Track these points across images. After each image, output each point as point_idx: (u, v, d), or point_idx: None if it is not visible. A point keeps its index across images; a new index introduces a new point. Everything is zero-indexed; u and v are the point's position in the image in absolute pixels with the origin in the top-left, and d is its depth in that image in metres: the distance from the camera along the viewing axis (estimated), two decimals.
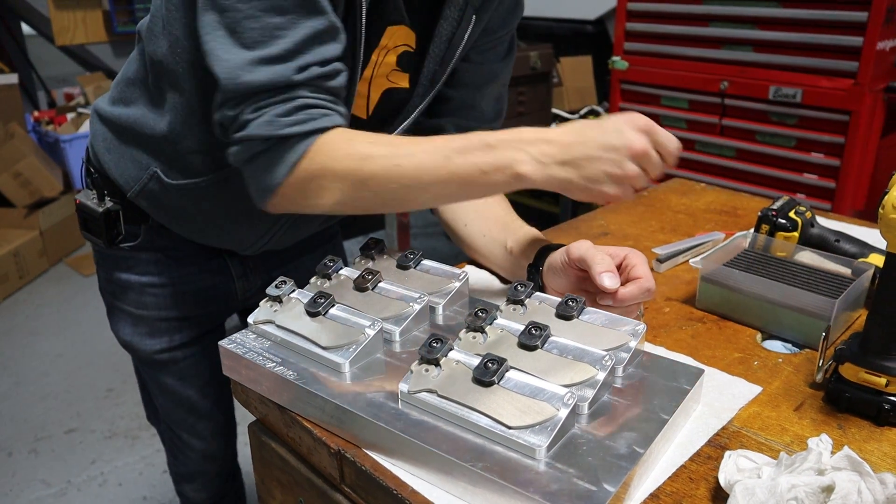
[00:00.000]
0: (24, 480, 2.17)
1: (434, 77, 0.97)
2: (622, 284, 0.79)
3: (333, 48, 0.76)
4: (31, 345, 2.94)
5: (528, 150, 0.73)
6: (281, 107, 0.74)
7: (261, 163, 0.76)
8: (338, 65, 0.77)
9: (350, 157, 0.75)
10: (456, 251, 3.79)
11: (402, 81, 0.96)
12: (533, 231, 0.96)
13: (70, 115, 4.15)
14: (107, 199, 1.02)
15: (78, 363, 2.80)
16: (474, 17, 0.92)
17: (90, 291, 3.40)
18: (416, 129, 1.03)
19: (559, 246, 0.87)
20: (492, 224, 1.00)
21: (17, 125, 3.72)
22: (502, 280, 1.00)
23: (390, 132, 0.97)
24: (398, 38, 0.91)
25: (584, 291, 0.83)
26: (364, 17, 0.81)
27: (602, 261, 0.78)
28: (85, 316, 3.17)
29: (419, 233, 4.03)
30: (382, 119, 0.98)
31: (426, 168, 0.74)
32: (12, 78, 3.95)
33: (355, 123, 0.94)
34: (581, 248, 0.81)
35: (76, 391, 2.61)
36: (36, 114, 4.24)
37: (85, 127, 4.03)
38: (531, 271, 0.89)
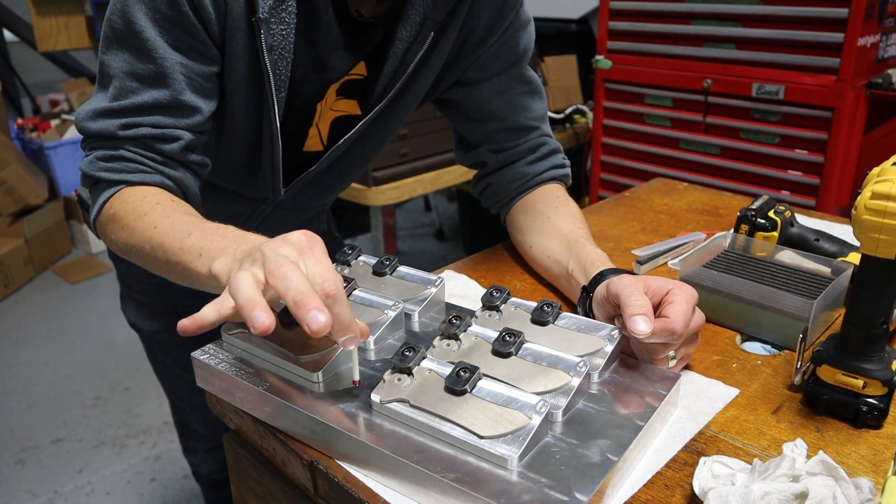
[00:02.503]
0: (9, 491, 2.15)
1: (383, 92, 0.97)
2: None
3: (173, 120, 0.84)
4: (18, 354, 2.92)
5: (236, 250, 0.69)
6: (103, 152, 0.85)
7: (91, 197, 0.88)
8: (175, 132, 0.84)
9: (132, 210, 0.81)
10: (444, 252, 3.78)
11: (350, 108, 0.99)
12: (595, 253, 0.89)
13: (54, 122, 4.12)
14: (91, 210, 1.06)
15: (65, 372, 2.78)
16: (432, 34, 0.91)
17: (77, 299, 3.37)
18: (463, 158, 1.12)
19: (620, 272, 0.81)
20: (556, 244, 0.96)
21: (1, 132, 3.69)
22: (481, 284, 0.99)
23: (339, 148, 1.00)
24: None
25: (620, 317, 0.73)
26: (275, 97, 0.88)
27: (636, 302, 0.70)
28: (71, 324, 3.14)
29: (407, 234, 4.03)
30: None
31: (168, 236, 0.76)
32: None
33: (317, 154, 1.02)
34: (620, 283, 0.73)
35: (63, 400, 2.60)
36: (20, 121, 4.21)
37: (69, 133, 4.00)
38: (583, 294, 0.84)
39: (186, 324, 0.61)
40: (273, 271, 0.58)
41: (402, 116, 1.05)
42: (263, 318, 0.56)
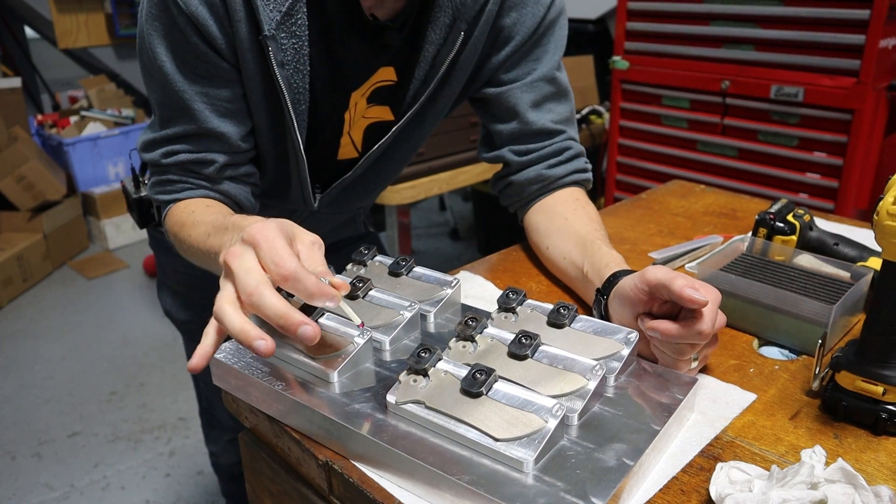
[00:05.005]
0: (27, 484, 2.17)
1: (416, 95, 0.97)
2: (675, 321, 0.71)
3: (205, 146, 0.91)
4: (35, 348, 2.95)
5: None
6: (156, 178, 0.95)
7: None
8: (209, 156, 0.92)
9: (175, 223, 0.91)
10: (458, 252, 3.77)
11: (383, 115, 1.00)
12: (610, 255, 0.88)
13: (73, 119, 4.16)
14: (143, 186, 1.12)
15: (81, 366, 2.80)
16: (462, 34, 0.91)
17: (94, 294, 3.40)
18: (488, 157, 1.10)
19: (634, 272, 0.80)
20: (572, 245, 0.95)
21: (21, 128, 3.73)
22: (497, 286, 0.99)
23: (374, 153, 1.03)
24: (365, 85, 0.97)
25: (646, 317, 0.74)
26: (292, 110, 0.90)
27: (682, 279, 0.69)
28: (88, 319, 3.17)
29: (422, 233, 4.03)
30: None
31: (197, 241, 0.84)
32: (16, 81, 3.96)
33: (352, 161, 1.04)
34: (658, 272, 0.72)
35: (79, 394, 2.62)
36: (39, 117, 4.25)
37: (88, 130, 4.03)
38: (597, 297, 0.84)
39: (195, 363, 0.64)
40: (246, 301, 0.61)
41: (436, 119, 1.05)
42: (262, 346, 0.60)
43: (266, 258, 0.61)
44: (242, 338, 0.60)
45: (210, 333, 0.65)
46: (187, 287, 1.25)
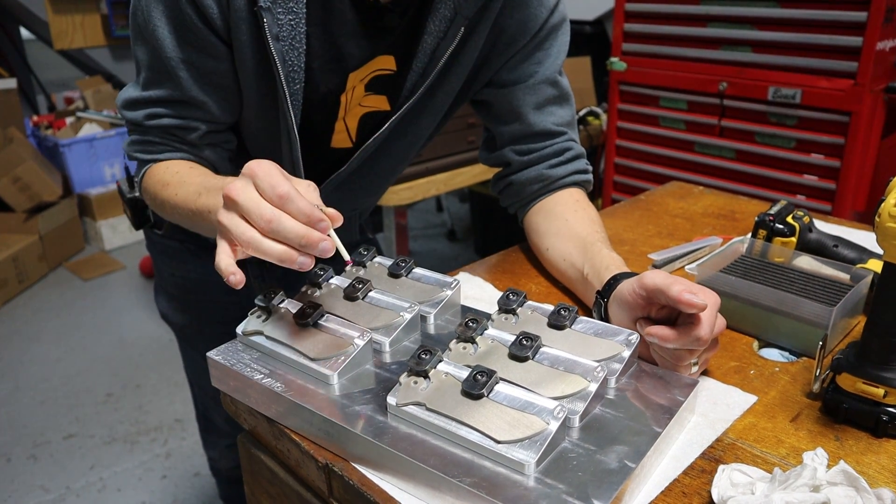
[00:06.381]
0: (22, 486, 2.16)
1: (414, 88, 0.97)
2: (674, 327, 0.71)
3: (187, 113, 0.92)
4: (31, 350, 2.94)
5: None
6: (136, 137, 0.96)
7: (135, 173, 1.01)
8: (192, 123, 0.93)
9: (158, 182, 0.92)
10: (456, 253, 3.76)
11: (380, 104, 1.00)
12: (610, 257, 0.88)
13: (69, 120, 4.15)
14: (137, 187, 1.12)
15: (77, 368, 2.79)
16: (462, 29, 0.91)
17: (90, 296, 3.39)
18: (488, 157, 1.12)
19: (634, 276, 0.79)
20: (572, 247, 0.95)
21: (16, 130, 3.72)
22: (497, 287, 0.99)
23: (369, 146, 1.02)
24: (364, 69, 0.95)
25: (645, 322, 0.74)
26: (286, 87, 0.89)
27: (680, 284, 0.69)
28: (84, 320, 3.16)
29: (419, 234, 4.03)
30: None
31: (186, 201, 0.86)
32: (11, 82, 3.94)
33: (346, 152, 1.03)
34: (656, 276, 0.71)
35: (75, 396, 2.61)
36: (35, 118, 4.24)
37: (84, 131, 4.02)
38: (597, 299, 0.84)
39: (236, 280, 0.67)
40: (266, 227, 0.63)
41: (435, 115, 1.05)
42: (327, 246, 0.64)
43: (263, 183, 0.64)
44: (306, 242, 0.62)
45: (226, 252, 0.67)
46: (183, 290, 1.24)
